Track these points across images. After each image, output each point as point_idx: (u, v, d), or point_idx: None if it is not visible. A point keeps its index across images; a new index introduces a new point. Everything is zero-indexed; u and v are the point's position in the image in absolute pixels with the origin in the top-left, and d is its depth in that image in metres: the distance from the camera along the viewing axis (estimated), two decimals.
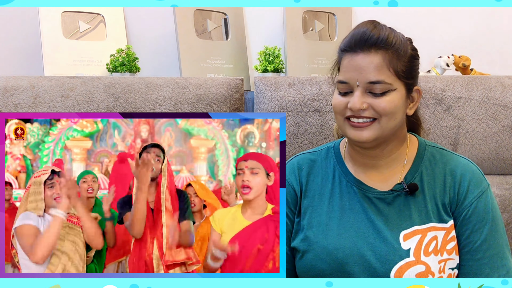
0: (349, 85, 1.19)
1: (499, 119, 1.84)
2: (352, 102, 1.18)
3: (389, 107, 1.18)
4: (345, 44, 1.21)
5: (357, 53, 1.18)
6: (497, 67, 2.25)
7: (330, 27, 2.18)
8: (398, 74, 1.18)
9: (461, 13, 2.24)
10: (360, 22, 1.23)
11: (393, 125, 1.21)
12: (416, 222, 1.23)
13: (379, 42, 1.17)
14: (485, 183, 1.25)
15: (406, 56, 1.20)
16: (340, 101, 1.21)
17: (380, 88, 1.17)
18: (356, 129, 1.20)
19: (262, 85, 1.83)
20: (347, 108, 1.20)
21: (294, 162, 1.36)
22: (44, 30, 1.91)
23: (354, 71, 1.18)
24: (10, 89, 1.73)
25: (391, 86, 1.18)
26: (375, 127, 1.19)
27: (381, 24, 1.21)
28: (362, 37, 1.18)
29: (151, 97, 1.77)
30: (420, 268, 1.20)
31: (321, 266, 1.24)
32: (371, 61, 1.17)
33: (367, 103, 1.18)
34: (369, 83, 1.17)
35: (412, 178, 1.26)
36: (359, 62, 1.17)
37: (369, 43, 1.17)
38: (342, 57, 1.22)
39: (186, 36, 1.99)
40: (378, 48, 1.17)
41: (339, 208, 1.27)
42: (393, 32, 1.20)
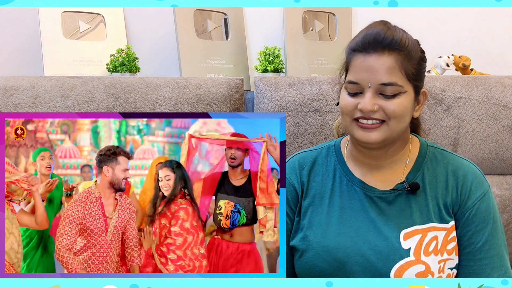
0: (360, 85, 1.18)
1: (499, 119, 1.84)
2: (363, 103, 1.17)
3: (399, 109, 1.17)
4: (356, 44, 1.19)
5: (370, 54, 1.16)
6: (497, 67, 2.25)
7: (330, 27, 2.18)
8: (408, 77, 1.17)
9: (461, 13, 2.24)
10: (371, 22, 1.22)
11: (401, 128, 1.20)
12: (417, 221, 1.22)
13: (393, 44, 1.16)
14: (486, 185, 1.25)
15: (416, 59, 1.19)
16: (349, 102, 1.20)
17: (392, 90, 1.16)
18: (365, 131, 1.19)
19: (262, 85, 1.83)
20: (357, 109, 1.18)
21: (295, 161, 1.35)
22: (44, 30, 1.91)
23: (366, 71, 1.16)
24: (10, 89, 1.73)
25: (402, 89, 1.17)
26: (383, 129, 1.18)
27: (393, 25, 1.20)
28: (376, 38, 1.16)
29: (151, 97, 1.77)
30: (420, 267, 1.20)
31: (321, 265, 1.24)
32: (384, 63, 1.16)
33: (378, 104, 1.17)
34: (381, 84, 1.16)
35: (413, 177, 1.26)
36: (372, 63, 1.16)
37: (383, 44, 1.16)
38: (352, 57, 1.20)
39: (186, 36, 1.99)
40: (391, 50, 1.16)
41: (339, 207, 1.27)
42: (405, 34, 1.19)
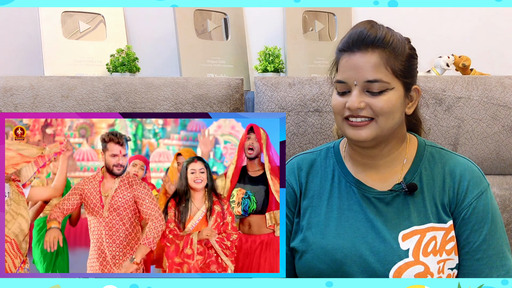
0: (347, 84, 1.20)
1: (499, 119, 1.84)
2: (350, 101, 1.19)
3: (386, 106, 1.18)
4: (342, 44, 1.22)
5: (355, 52, 1.19)
6: (497, 67, 2.25)
7: (330, 27, 2.18)
8: (395, 73, 1.19)
9: (461, 13, 2.24)
10: (357, 22, 1.24)
11: (391, 124, 1.21)
12: (415, 222, 1.22)
13: (376, 41, 1.18)
14: (485, 183, 1.25)
15: (403, 55, 1.20)
16: (338, 101, 1.22)
17: (378, 86, 1.18)
18: (355, 128, 1.20)
19: (262, 85, 1.83)
20: (345, 108, 1.20)
21: (294, 163, 1.35)
22: (44, 30, 1.91)
23: (351, 70, 1.19)
24: (10, 89, 1.73)
25: (389, 85, 1.18)
26: (373, 126, 1.20)
27: (378, 24, 1.22)
28: (360, 37, 1.18)
29: (151, 97, 1.77)
30: (419, 268, 1.20)
31: (320, 266, 1.24)
32: (368, 60, 1.17)
33: (365, 102, 1.18)
34: (367, 82, 1.18)
35: (411, 178, 1.26)
36: (357, 61, 1.18)
37: (366, 42, 1.18)
38: (340, 57, 1.23)
39: (186, 36, 1.99)
40: (375, 47, 1.18)
41: (338, 208, 1.27)
42: (390, 32, 1.21)
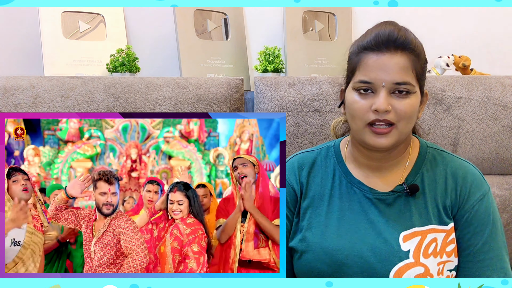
0: (373, 85, 1.16)
1: (499, 119, 1.84)
2: (378, 103, 1.15)
3: (409, 110, 1.16)
4: (368, 43, 1.18)
5: (383, 52, 1.16)
6: (497, 67, 2.25)
7: (330, 27, 2.18)
8: (418, 77, 1.18)
9: (461, 13, 2.24)
10: (378, 23, 1.21)
11: (409, 129, 1.20)
12: (416, 223, 1.22)
13: (406, 44, 1.16)
14: (486, 186, 1.25)
15: (423, 60, 1.20)
16: (362, 104, 1.17)
17: (405, 89, 1.16)
18: (377, 136, 1.17)
19: (262, 85, 1.83)
20: (370, 112, 1.16)
21: (294, 162, 1.34)
22: (44, 30, 1.91)
23: (379, 70, 1.16)
24: (10, 89, 1.73)
25: (413, 89, 1.17)
26: (394, 133, 1.17)
27: (401, 26, 1.20)
28: (390, 38, 1.16)
29: (151, 97, 1.77)
30: (419, 269, 1.19)
31: (320, 267, 1.24)
32: (397, 62, 1.15)
33: (391, 105, 1.16)
34: (395, 83, 1.15)
35: (413, 179, 1.26)
36: (386, 62, 1.15)
37: (396, 44, 1.16)
38: (363, 56, 1.19)
39: (186, 36, 1.99)
40: (404, 49, 1.16)
41: (339, 208, 1.27)
42: (414, 35, 1.20)
